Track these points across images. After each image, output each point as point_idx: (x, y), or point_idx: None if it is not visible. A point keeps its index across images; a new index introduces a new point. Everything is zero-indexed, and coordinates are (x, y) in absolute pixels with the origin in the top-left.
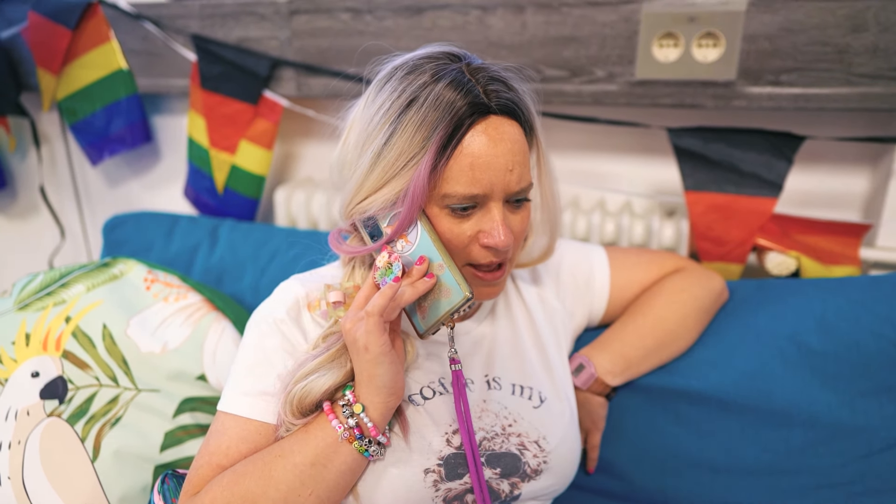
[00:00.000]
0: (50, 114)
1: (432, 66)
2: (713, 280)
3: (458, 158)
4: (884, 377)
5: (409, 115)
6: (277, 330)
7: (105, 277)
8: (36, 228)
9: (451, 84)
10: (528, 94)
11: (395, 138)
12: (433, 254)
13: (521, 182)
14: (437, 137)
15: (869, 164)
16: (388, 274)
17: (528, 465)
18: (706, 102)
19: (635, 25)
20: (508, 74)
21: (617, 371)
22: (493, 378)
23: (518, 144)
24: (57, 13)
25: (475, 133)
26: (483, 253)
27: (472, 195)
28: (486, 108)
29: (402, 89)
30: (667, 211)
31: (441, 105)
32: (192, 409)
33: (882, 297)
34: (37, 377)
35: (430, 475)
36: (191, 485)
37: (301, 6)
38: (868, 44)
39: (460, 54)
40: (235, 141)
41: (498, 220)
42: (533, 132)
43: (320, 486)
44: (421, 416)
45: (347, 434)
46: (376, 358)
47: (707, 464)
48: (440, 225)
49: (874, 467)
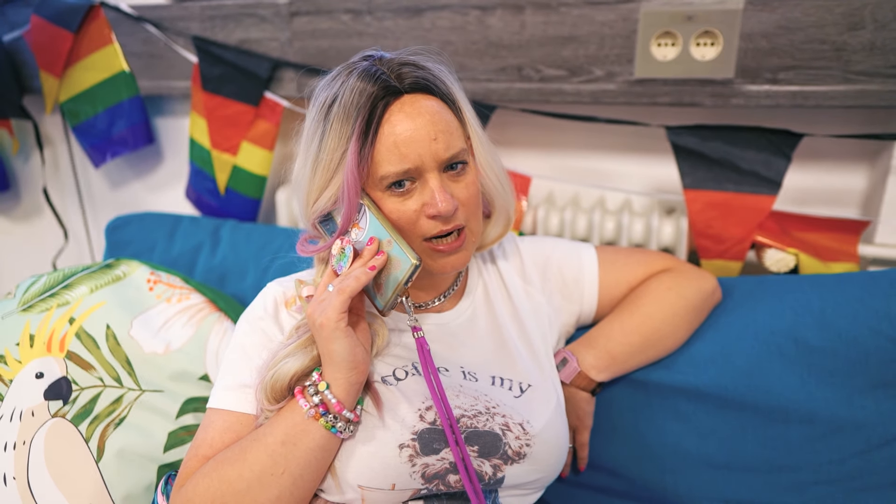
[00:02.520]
0: (53, 116)
1: (348, 68)
2: (704, 280)
3: (382, 140)
4: (881, 373)
5: (332, 114)
6: (257, 328)
7: (108, 279)
8: (39, 230)
9: (362, 75)
10: (445, 73)
11: (325, 138)
12: (381, 232)
13: (450, 149)
14: (358, 125)
15: (867, 161)
16: (342, 259)
17: (509, 446)
18: (705, 101)
19: (634, 25)
20: (418, 57)
21: (602, 366)
22: (469, 371)
23: (438, 115)
24: (59, 16)
25: (392, 113)
26: (432, 224)
27: (403, 171)
28: (398, 89)
29: (325, 94)
30: (666, 209)
31: (355, 96)
32: (195, 409)
33: (880, 294)
34: (41, 378)
35: (404, 450)
36: (181, 478)
37: (301, 7)
38: (865, 41)
39: (373, 53)
40: (237, 142)
41: (436, 187)
42: (456, 104)
43: (292, 465)
44: (394, 394)
45: (313, 412)
46: (331, 334)
47: (706, 460)
48: (386, 207)
49: (872, 463)
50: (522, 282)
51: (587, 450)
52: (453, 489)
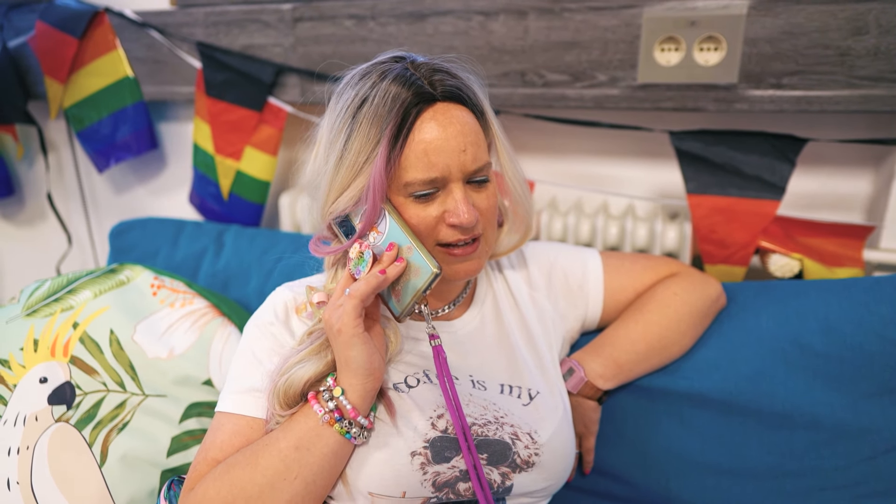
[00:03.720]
0: (57, 121)
1: (379, 69)
2: (708, 285)
3: (412, 146)
4: (886, 379)
5: (362, 115)
6: (268, 332)
7: (112, 283)
8: (43, 235)
9: (396, 79)
10: (476, 82)
11: (352, 138)
12: (401, 238)
13: (477, 161)
14: (389, 130)
15: (872, 166)
16: (360, 263)
17: (518, 454)
18: (708, 106)
19: (637, 30)
20: (452, 65)
21: (608, 375)
22: (477, 380)
23: (468, 126)
24: (64, 22)
25: (424, 120)
26: (451, 232)
27: (430, 179)
28: (432, 96)
29: (354, 93)
30: (670, 214)
31: (388, 100)
32: (199, 413)
33: (885, 299)
34: (45, 383)
35: (416, 458)
36: (189, 481)
37: (305, 13)
38: (869, 46)
39: (405, 55)
40: (240, 147)
41: (459, 198)
42: (484, 116)
43: (305, 470)
44: (406, 401)
45: (328, 417)
46: (349, 340)
47: (711, 466)
48: (407, 212)
49: (878, 469)
50: (528, 288)
51: (593, 454)
52: (463, 497)
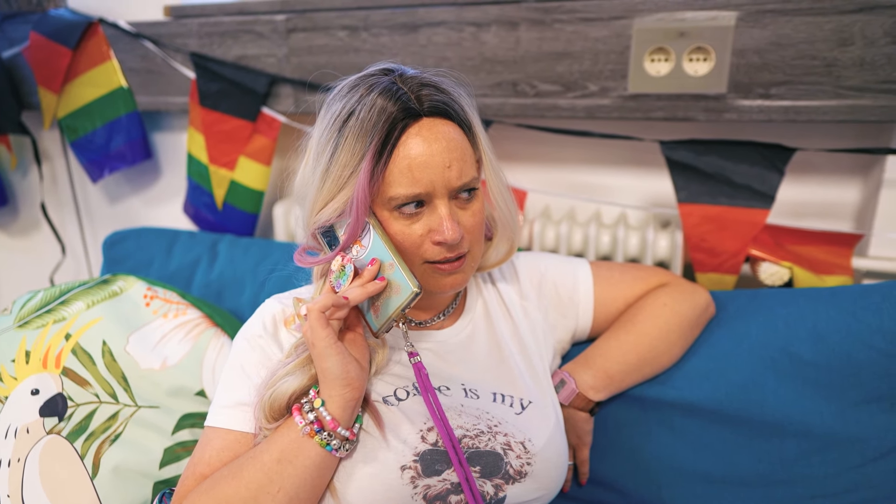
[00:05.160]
0: (51, 132)
1: (367, 82)
2: (697, 295)
3: (397, 161)
4: (875, 387)
5: (348, 129)
6: (256, 345)
7: (105, 294)
8: (37, 245)
9: (382, 93)
10: (464, 97)
11: (338, 151)
12: (384, 254)
13: (463, 177)
14: (374, 144)
15: (860, 175)
16: (341, 276)
17: (510, 465)
18: (698, 115)
19: (627, 41)
20: (440, 79)
21: (600, 386)
22: (470, 389)
23: (455, 142)
24: (58, 33)
25: (409, 136)
26: (436, 250)
27: (414, 195)
28: (417, 111)
29: (341, 106)
30: (661, 223)
31: (374, 114)
32: (192, 425)
33: (872, 307)
34: (37, 394)
35: (406, 472)
36: (178, 496)
37: (298, 24)
38: (855, 57)
39: (394, 68)
40: (234, 157)
41: (444, 215)
42: (472, 131)
43: (287, 483)
44: (395, 414)
45: (308, 429)
46: (323, 351)
47: (702, 475)
48: (391, 228)
49: (868, 477)
50: (519, 298)
51: (588, 465)
52: None
